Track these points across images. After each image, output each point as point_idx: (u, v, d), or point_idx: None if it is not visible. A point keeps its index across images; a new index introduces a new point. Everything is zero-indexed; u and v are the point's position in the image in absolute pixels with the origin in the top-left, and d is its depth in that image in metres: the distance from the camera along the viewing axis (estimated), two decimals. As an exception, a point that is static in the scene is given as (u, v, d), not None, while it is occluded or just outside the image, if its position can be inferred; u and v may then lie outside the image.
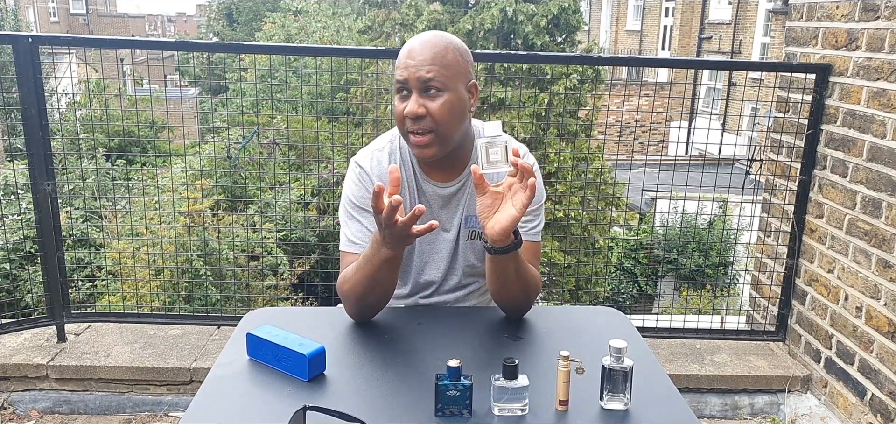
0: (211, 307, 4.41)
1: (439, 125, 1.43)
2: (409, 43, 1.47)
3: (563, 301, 7.25)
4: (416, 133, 1.44)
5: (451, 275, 1.61)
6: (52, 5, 33.19)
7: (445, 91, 1.43)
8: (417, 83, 1.42)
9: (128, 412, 2.68)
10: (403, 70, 1.43)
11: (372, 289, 1.42)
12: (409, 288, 1.63)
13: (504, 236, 1.34)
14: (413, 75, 1.42)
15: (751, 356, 2.92)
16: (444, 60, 1.43)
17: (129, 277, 4.65)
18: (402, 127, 1.46)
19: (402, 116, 1.44)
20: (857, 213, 2.51)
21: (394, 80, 1.46)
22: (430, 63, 1.42)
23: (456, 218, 1.58)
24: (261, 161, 6.45)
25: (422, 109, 1.42)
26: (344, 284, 1.47)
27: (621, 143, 8.24)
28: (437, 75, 1.41)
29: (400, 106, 1.44)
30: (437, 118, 1.42)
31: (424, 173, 1.56)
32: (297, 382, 1.25)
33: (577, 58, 8.51)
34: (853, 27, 2.52)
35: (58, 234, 2.72)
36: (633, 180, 4.38)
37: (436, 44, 1.44)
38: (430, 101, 1.42)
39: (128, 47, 2.84)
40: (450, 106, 1.43)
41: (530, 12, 10.52)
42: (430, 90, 1.42)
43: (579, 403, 1.20)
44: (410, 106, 1.42)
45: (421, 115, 1.42)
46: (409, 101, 1.43)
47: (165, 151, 8.01)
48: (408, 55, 1.44)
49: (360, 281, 1.41)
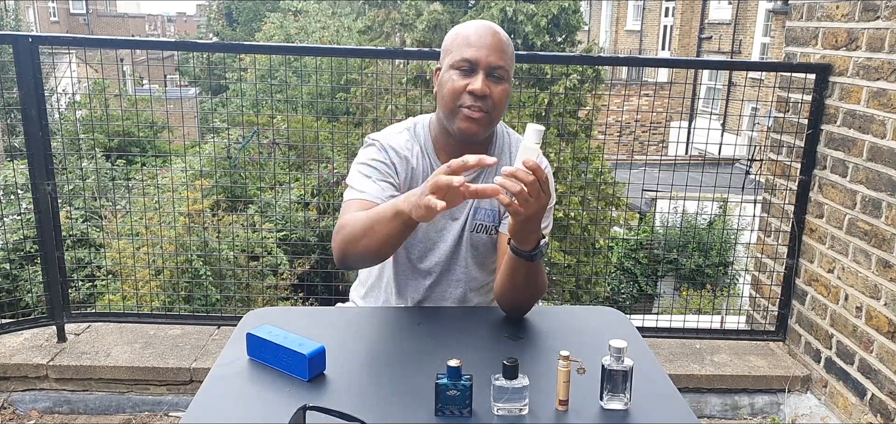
0: (211, 307, 4.41)
1: (495, 109, 1.50)
2: (467, 26, 1.52)
3: (563, 301, 7.24)
4: (472, 108, 1.48)
5: (455, 265, 1.62)
6: (51, 5, 33.19)
7: (505, 81, 1.51)
8: (487, 66, 1.48)
9: (128, 412, 2.69)
10: (473, 50, 1.47)
11: (374, 239, 1.38)
12: (411, 272, 1.63)
13: (511, 233, 1.39)
14: (484, 58, 1.47)
15: (751, 356, 2.92)
16: (508, 52, 1.51)
17: (129, 277, 4.65)
18: (455, 102, 1.49)
19: (461, 91, 1.48)
20: (857, 213, 2.51)
21: (452, 57, 1.49)
22: (501, 51, 1.49)
23: (465, 208, 1.60)
24: (261, 161, 6.45)
25: (487, 89, 1.47)
26: (345, 225, 1.43)
27: (621, 143, 8.24)
28: (504, 64, 1.49)
29: (460, 82, 1.48)
30: (496, 102, 1.50)
31: (440, 161, 1.58)
32: (297, 382, 1.25)
33: (577, 58, 8.51)
34: (853, 27, 2.52)
35: (58, 234, 2.71)
36: (633, 180, 4.39)
37: (498, 34, 1.51)
38: (494, 84, 1.49)
39: (128, 47, 2.84)
40: (506, 95, 1.52)
41: (530, 12, 10.52)
42: (496, 76, 1.49)
43: (579, 403, 1.20)
44: (478, 84, 1.47)
45: (487, 94, 1.47)
46: (476, 78, 1.47)
47: (165, 151, 8.00)
48: (474, 37, 1.48)
49: (369, 228, 1.37)
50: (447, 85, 1.49)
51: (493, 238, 1.61)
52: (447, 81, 1.50)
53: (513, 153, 1.63)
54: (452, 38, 1.53)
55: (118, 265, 4.68)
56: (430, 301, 1.65)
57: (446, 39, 1.55)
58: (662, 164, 6.73)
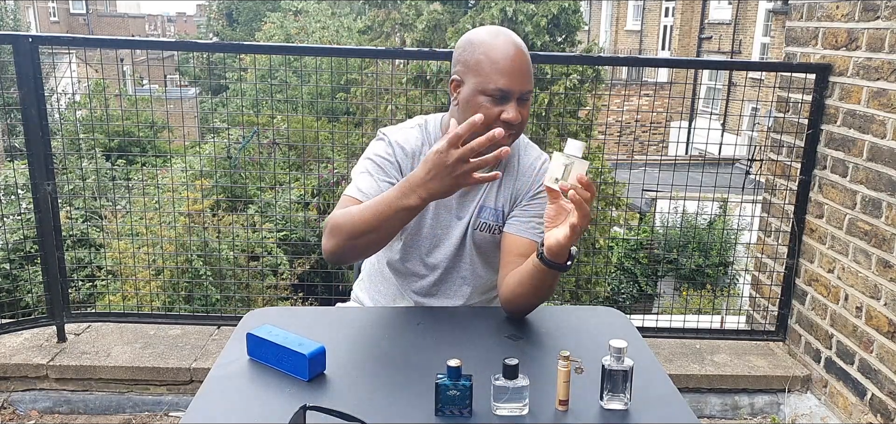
0: (211, 307, 4.41)
1: (522, 127, 1.52)
2: (495, 46, 1.46)
3: (563, 301, 7.24)
4: (505, 135, 1.45)
5: (461, 263, 1.63)
6: (51, 5, 33.18)
7: (531, 98, 1.52)
8: (520, 93, 1.48)
9: (128, 412, 2.69)
10: (506, 79, 1.45)
11: (370, 233, 1.38)
12: (415, 268, 1.64)
13: (558, 250, 1.36)
14: (518, 87, 1.47)
15: (751, 356, 2.92)
16: (531, 69, 1.51)
17: (129, 277, 4.65)
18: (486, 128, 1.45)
19: (494, 118, 1.46)
20: (857, 213, 2.51)
21: (484, 83, 1.45)
22: (529, 74, 1.49)
23: (471, 206, 1.60)
24: (261, 161, 6.45)
25: (520, 116, 1.48)
26: (339, 219, 1.42)
27: (621, 143, 8.24)
28: (531, 86, 1.50)
29: (493, 109, 1.46)
30: (524, 122, 1.51)
31: None
32: (297, 382, 1.25)
33: (577, 58, 8.51)
34: (853, 27, 2.52)
35: (58, 234, 2.71)
36: (633, 180, 4.38)
37: (524, 54, 1.49)
38: (523, 108, 1.49)
39: (128, 47, 2.84)
40: (529, 110, 1.53)
41: (530, 12, 10.52)
42: (525, 99, 1.49)
43: (579, 403, 1.20)
44: (512, 113, 1.46)
45: (518, 122, 1.48)
46: (509, 108, 1.46)
47: (165, 151, 8.01)
48: (506, 63, 1.45)
49: (365, 221, 1.37)
50: (477, 110, 1.44)
51: (495, 238, 1.61)
52: (476, 104, 1.46)
53: (521, 154, 1.63)
54: (481, 56, 1.46)
55: (118, 265, 4.68)
56: (435, 299, 1.66)
57: (468, 52, 1.49)
58: (662, 164, 6.73)
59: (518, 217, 1.58)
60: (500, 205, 1.60)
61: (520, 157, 1.63)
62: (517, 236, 1.56)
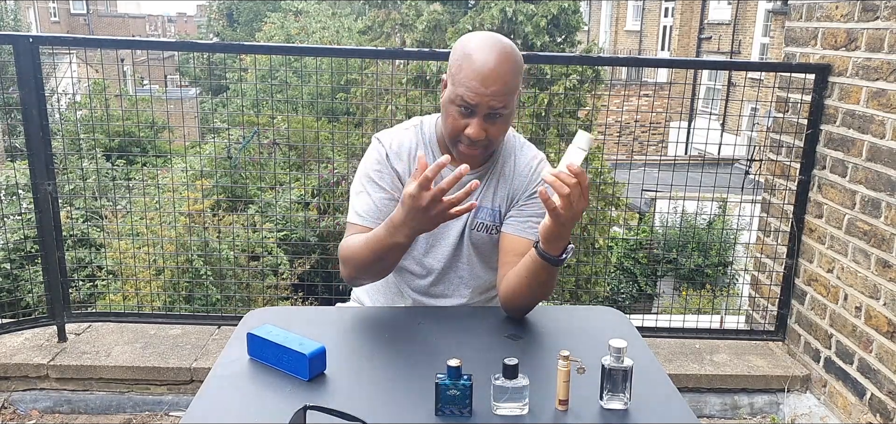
0: (211, 306, 4.42)
1: (493, 143, 1.50)
2: (476, 54, 1.42)
3: (563, 301, 7.24)
4: (471, 147, 1.47)
5: (459, 263, 1.64)
6: (52, 5, 33.18)
7: (507, 112, 1.47)
8: (486, 110, 1.43)
9: (128, 411, 2.69)
10: (473, 95, 1.41)
11: (374, 265, 1.48)
12: (414, 269, 1.65)
13: (544, 234, 1.37)
14: (485, 103, 1.42)
15: (750, 356, 2.92)
16: (511, 87, 1.44)
17: (129, 277, 4.65)
18: (454, 138, 1.48)
19: (460, 131, 1.46)
20: (857, 213, 2.52)
21: (455, 89, 1.44)
22: (503, 92, 1.42)
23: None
24: (261, 161, 6.45)
25: (483, 133, 1.45)
26: (346, 252, 1.52)
27: (621, 143, 8.24)
28: (505, 103, 1.44)
29: (459, 122, 1.45)
30: (494, 139, 1.48)
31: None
32: (297, 382, 1.25)
33: (577, 58, 8.51)
34: (852, 27, 2.53)
35: (58, 234, 2.72)
36: (632, 180, 4.39)
37: (507, 70, 1.42)
38: (491, 124, 1.46)
39: (128, 47, 2.85)
40: (506, 125, 1.50)
41: (530, 12, 10.52)
42: (494, 115, 1.45)
43: (579, 403, 1.20)
44: (474, 130, 1.44)
45: (482, 139, 1.46)
46: (473, 123, 1.44)
47: (166, 151, 8.01)
48: (480, 80, 1.40)
49: (366, 257, 1.46)
50: (448, 118, 1.47)
51: (493, 238, 1.62)
52: (448, 113, 1.47)
53: (517, 154, 1.63)
54: (461, 61, 1.44)
55: (118, 265, 4.68)
56: (435, 299, 1.66)
57: (455, 53, 1.48)
58: (662, 164, 6.73)
59: (515, 217, 1.59)
60: (496, 205, 1.61)
61: (516, 157, 1.63)
62: (515, 236, 1.57)
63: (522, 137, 1.67)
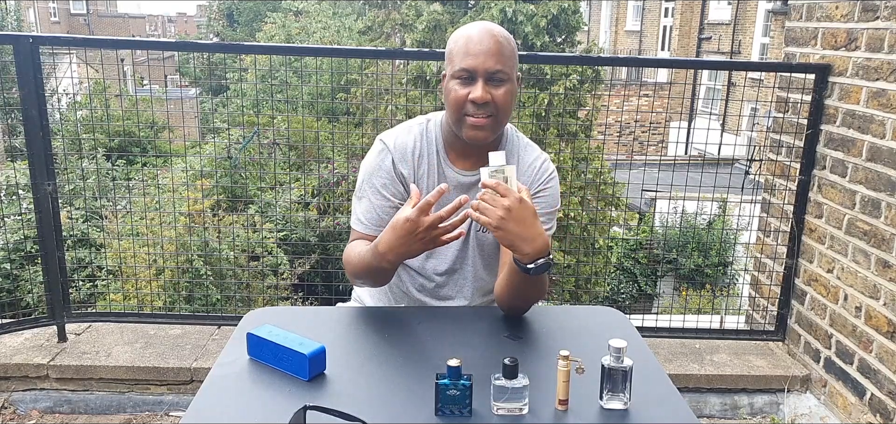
0: (211, 306, 4.41)
1: (500, 111, 1.51)
2: (466, 32, 1.52)
3: (563, 301, 7.24)
4: (477, 116, 1.50)
5: (464, 265, 1.64)
6: (52, 5, 33.19)
7: (508, 81, 1.51)
8: (485, 73, 1.48)
9: (128, 412, 2.69)
10: (470, 58, 1.48)
11: (370, 278, 1.54)
12: (417, 269, 1.65)
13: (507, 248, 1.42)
14: (481, 65, 1.48)
15: (750, 356, 2.92)
16: (507, 52, 1.51)
17: (129, 277, 4.65)
18: (460, 111, 1.51)
19: (464, 100, 1.50)
20: (857, 213, 2.52)
21: (453, 67, 1.50)
22: (498, 54, 1.49)
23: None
24: (261, 161, 6.45)
25: (488, 95, 1.49)
26: (347, 259, 1.57)
27: (621, 143, 8.24)
28: (503, 66, 1.49)
29: (462, 91, 1.50)
30: (500, 105, 1.51)
31: (449, 159, 1.61)
32: (297, 381, 1.25)
33: (577, 58, 8.51)
34: (852, 27, 2.53)
35: (58, 234, 2.72)
36: (632, 180, 4.39)
37: (496, 35, 1.50)
38: (494, 89, 1.50)
39: (128, 47, 2.85)
40: (510, 94, 1.52)
41: (530, 12, 10.52)
42: (496, 80, 1.49)
43: (579, 403, 1.20)
44: (478, 92, 1.48)
45: (487, 101, 1.48)
46: (475, 87, 1.49)
47: (166, 151, 8.01)
48: (471, 44, 1.49)
49: (362, 270, 1.52)
50: (451, 95, 1.51)
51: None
52: (450, 90, 1.51)
53: (521, 154, 1.64)
54: (452, 45, 1.53)
55: (119, 265, 4.68)
56: (436, 300, 1.66)
57: (448, 45, 1.55)
58: (662, 164, 6.74)
59: None
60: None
61: (519, 157, 1.63)
62: None
63: (526, 138, 1.68)
